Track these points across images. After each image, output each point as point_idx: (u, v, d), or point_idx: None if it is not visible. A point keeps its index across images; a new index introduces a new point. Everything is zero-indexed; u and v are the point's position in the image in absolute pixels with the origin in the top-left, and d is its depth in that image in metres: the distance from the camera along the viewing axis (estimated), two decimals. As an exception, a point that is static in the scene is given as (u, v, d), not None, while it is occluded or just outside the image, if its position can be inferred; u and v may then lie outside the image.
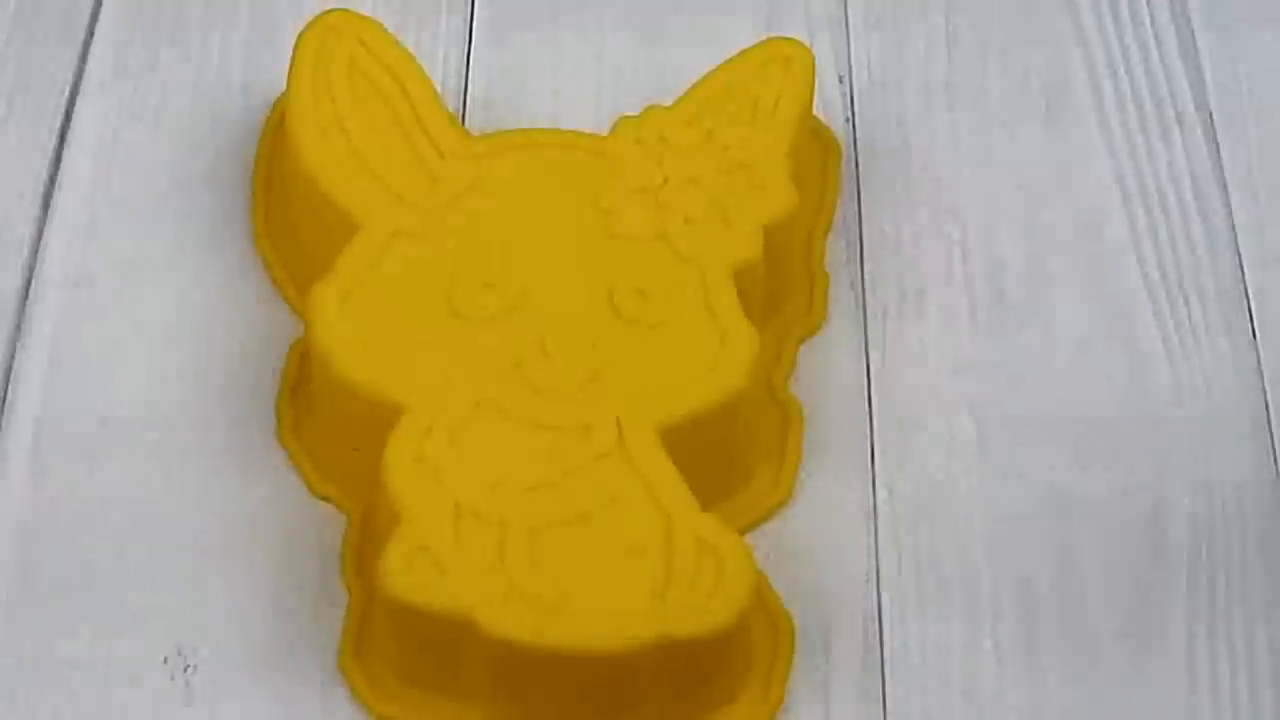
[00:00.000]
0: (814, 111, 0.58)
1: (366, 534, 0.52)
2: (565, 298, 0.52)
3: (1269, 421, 0.55)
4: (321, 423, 0.53)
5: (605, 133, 0.56)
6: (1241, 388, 0.56)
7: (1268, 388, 0.56)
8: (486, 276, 0.52)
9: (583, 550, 0.48)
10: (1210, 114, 0.61)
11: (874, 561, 0.52)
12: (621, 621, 0.47)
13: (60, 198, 0.58)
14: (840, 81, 0.62)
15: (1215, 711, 0.50)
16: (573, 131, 0.56)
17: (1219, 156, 0.60)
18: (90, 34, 0.62)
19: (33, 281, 0.57)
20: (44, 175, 0.59)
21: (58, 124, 0.60)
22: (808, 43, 0.59)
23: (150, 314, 0.56)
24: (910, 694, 0.50)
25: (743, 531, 0.51)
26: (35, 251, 0.57)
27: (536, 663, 0.48)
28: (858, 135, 0.61)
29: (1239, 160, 0.60)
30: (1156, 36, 0.63)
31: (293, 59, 0.57)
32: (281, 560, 0.52)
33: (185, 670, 0.50)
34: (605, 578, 0.48)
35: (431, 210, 0.54)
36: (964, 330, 0.57)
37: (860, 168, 0.60)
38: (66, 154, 0.59)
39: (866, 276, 0.58)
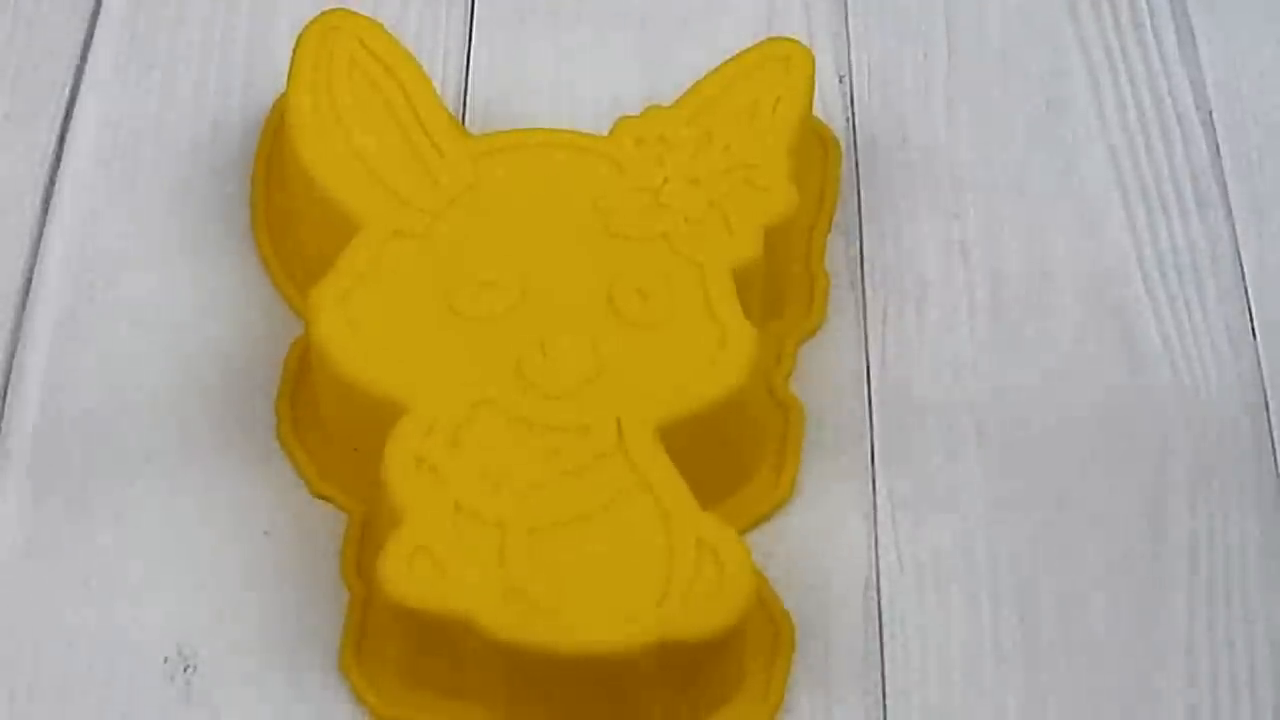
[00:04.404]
0: (814, 111, 0.58)
1: (366, 534, 0.52)
2: (565, 297, 0.52)
3: (1269, 421, 0.55)
4: (321, 423, 0.53)
5: (605, 133, 0.56)
6: (1241, 388, 0.56)
7: (1268, 388, 0.56)
8: (486, 276, 0.52)
9: (583, 550, 0.48)
10: (1210, 114, 0.61)
11: (874, 561, 0.52)
12: (621, 622, 0.47)
13: (60, 197, 0.58)
14: (840, 81, 0.62)
15: (1215, 710, 0.50)
16: (572, 131, 0.56)
17: (1219, 156, 0.60)
18: (90, 34, 0.62)
19: (33, 281, 0.57)
20: (44, 175, 0.59)
21: (58, 124, 0.60)
22: (808, 43, 0.59)
23: (150, 314, 0.56)
24: (910, 694, 0.50)
25: (743, 531, 0.51)
26: (35, 251, 0.57)
27: (536, 663, 0.48)
28: (858, 135, 0.61)
29: (1239, 160, 0.60)
30: (1156, 36, 0.63)
31: (293, 59, 0.57)
32: (281, 560, 0.52)
33: (185, 670, 0.50)
34: (605, 578, 0.48)
35: (431, 210, 0.54)
36: (964, 330, 0.57)
37: (860, 168, 0.60)
38: (66, 154, 0.59)
39: (866, 276, 0.58)
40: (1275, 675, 0.51)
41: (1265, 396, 0.55)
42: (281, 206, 0.58)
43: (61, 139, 0.60)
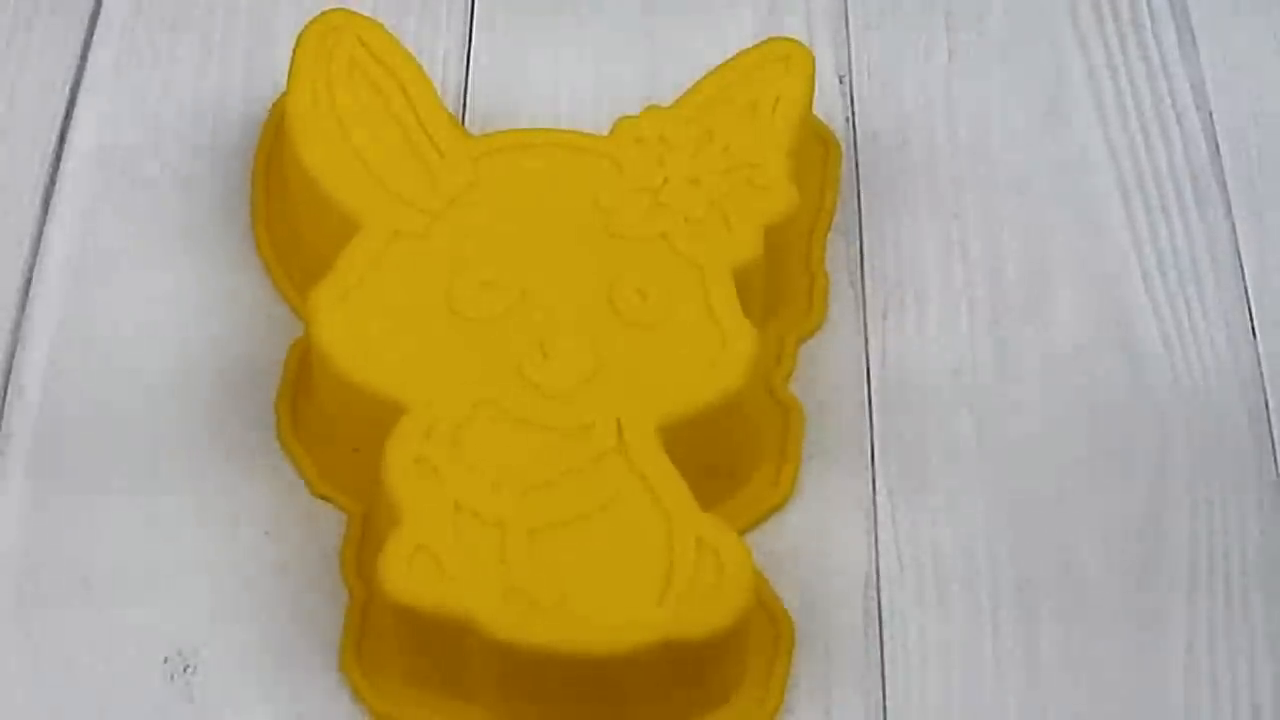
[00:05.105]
0: (814, 111, 0.58)
1: (366, 534, 0.52)
2: (565, 298, 0.52)
3: (1269, 421, 0.55)
4: (321, 423, 0.53)
5: (605, 133, 0.56)
6: (1241, 388, 0.56)
7: (1268, 388, 0.56)
8: (486, 276, 0.52)
9: (583, 550, 0.48)
10: (1210, 114, 0.61)
11: (874, 561, 0.52)
12: (621, 622, 0.47)
13: (60, 197, 0.58)
14: (840, 81, 0.62)
15: (1215, 711, 0.50)
16: (572, 131, 0.56)
17: (1219, 156, 0.60)
18: (90, 34, 0.62)
19: (33, 281, 0.57)
20: (44, 175, 0.59)
21: (58, 124, 0.60)
22: (808, 43, 0.59)
23: (150, 314, 0.56)
24: (910, 694, 0.50)
25: (743, 531, 0.51)
26: (35, 251, 0.57)
27: (535, 663, 0.48)
28: (858, 135, 0.61)
29: (1239, 160, 0.60)
30: (1156, 36, 0.63)
31: (293, 59, 0.57)
32: (281, 560, 0.52)
33: (185, 670, 0.50)
34: (605, 578, 0.48)
35: (431, 210, 0.54)
36: (964, 330, 0.57)
37: (860, 168, 0.60)
38: (66, 154, 0.59)
39: (866, 276, 0.58)
40: (1275, 675, 0.51)
41: (1265, 396, 0.55)
42: (281, 206, 0.58)
43: (61, 139, 0.60)
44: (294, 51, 0.57)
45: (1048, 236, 0.59)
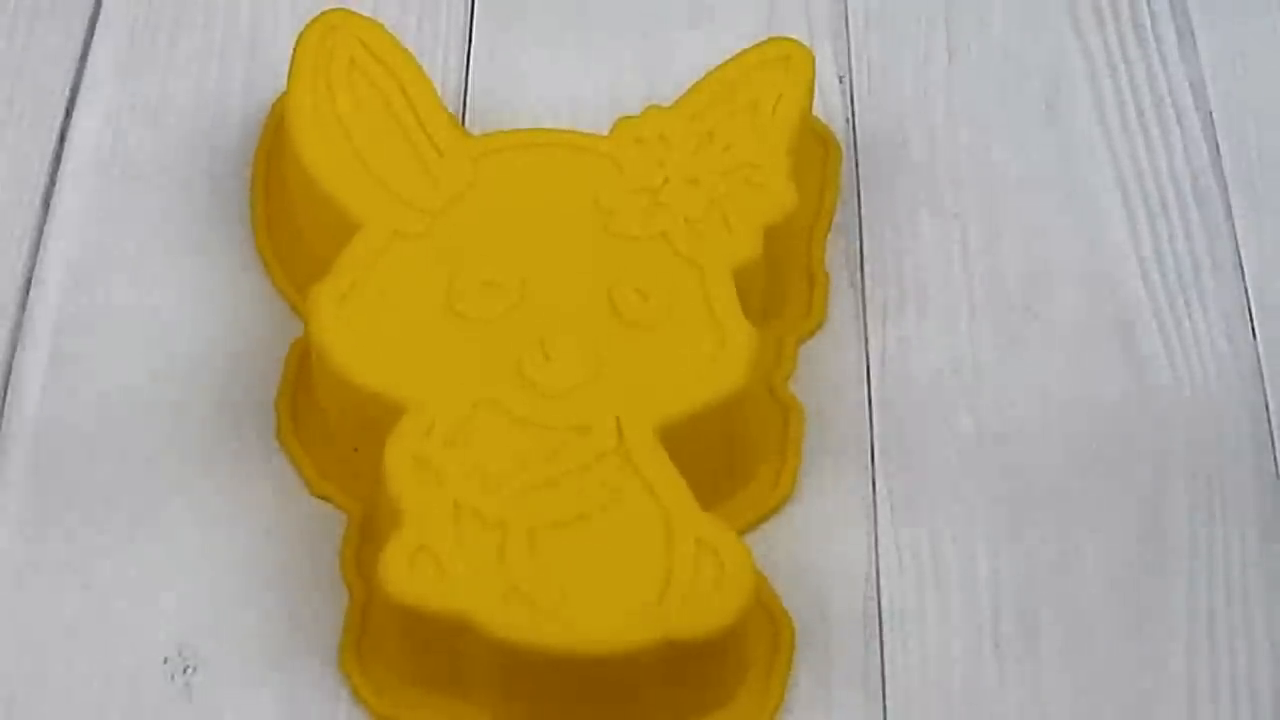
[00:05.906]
0: (814, 111, 0.58)
1: (366, 534, 0.52)
2: (565, 298, 0.52)
3: (1269, 421, 0.55)
4: (321, 423, 0.53)
5: (605, 133, 0.56)
6: (1241, 388, 0.56)
7: (1268, 388, 0.56)
8: (486, 276, 0.52)
9: (583, 550, 0.48)
10: (1210, 114, 0.61)
11: (874, 561, 0.52)
12: (621, 622, 0.47)
13: (60, 198, 0.58)
14: (840, 81, 0.62)
15: (1215, 711, 0.50)
16: (572, 131, 0.56)
17: (1219, 156, 0.60)
18: (90, 34, 0.62)
19: (33, 281, 0.57)
20: (44, 175, 0.59)
21: (58, 124, 0.60)
22: (808, 43, 0.59)
23: (150, 314, 0.56)
24: (910, 694, 0.50)
25: (743, 531, 0.51)
26: (35, 251, 0.57)
27: (535, 663, 0.48)
28: (858, 135, 0.61)
29: (1239, 160, 0.60)
30: (1156, 36, 0.63)
31: (293, 59, 0.57)
32: (281, 560, 0.52)
33: (185, 670, 0.50)
34: (605, 578, 0.48)
35: (431, 210, 0.54)
36: (964, 330, 0.57)
37: (860, 168, 0.60)
38: (66, 154, 0.59)
39: (866, 276, 0.58)
40: (1275, 675, 0.51)
41: (1265, 396, 0.55)
42: (281, 206, 0.58)
43: (61, 139, 0.60)
44: (294, 51, 0.57)
45: (1048, 236, 0.59)
